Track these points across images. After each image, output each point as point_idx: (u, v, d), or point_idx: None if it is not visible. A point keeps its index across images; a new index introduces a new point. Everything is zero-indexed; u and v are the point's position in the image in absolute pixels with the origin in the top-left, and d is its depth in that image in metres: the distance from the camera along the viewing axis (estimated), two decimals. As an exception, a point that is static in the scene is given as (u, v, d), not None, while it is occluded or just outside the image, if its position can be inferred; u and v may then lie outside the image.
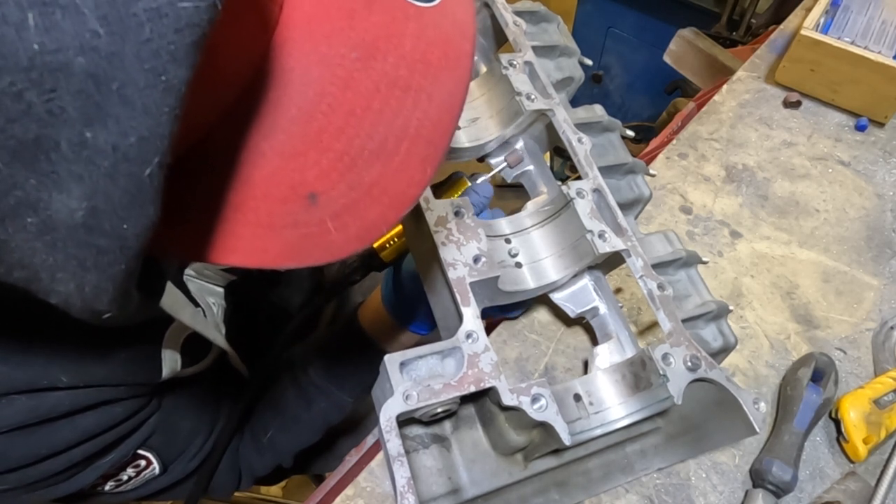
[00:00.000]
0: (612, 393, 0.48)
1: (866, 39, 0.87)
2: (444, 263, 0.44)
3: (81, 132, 0.18)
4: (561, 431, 0.41)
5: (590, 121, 0.58)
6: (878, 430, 0.61)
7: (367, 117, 0.26)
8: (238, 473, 0.74)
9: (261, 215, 0.26)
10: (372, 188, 0.27)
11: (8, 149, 0.18)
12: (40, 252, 0.21)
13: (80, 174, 0.19)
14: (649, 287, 0.50)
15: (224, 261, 0.27)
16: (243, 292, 0.71)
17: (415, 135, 0.27)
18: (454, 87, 0.28)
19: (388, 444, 0.38)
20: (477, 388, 0.40)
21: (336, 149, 0.26)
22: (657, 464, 0.58)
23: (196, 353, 0.61)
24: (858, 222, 0.81)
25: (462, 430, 0.48)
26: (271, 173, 0.26)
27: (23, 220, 0.20)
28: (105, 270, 0.22)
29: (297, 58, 0.25)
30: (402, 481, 0.38)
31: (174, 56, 0.18)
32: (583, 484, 0.55)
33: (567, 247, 0.53)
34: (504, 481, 0.48)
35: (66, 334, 0.45)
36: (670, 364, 0.46)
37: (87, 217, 0.20)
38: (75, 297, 0.23)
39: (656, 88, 1.92)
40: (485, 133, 0.57)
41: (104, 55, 0.18)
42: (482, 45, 0.65)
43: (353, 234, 0.27)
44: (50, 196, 0.19)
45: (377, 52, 0.26)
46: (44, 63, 0.17)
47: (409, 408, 0.38)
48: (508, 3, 0.62)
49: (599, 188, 0.52)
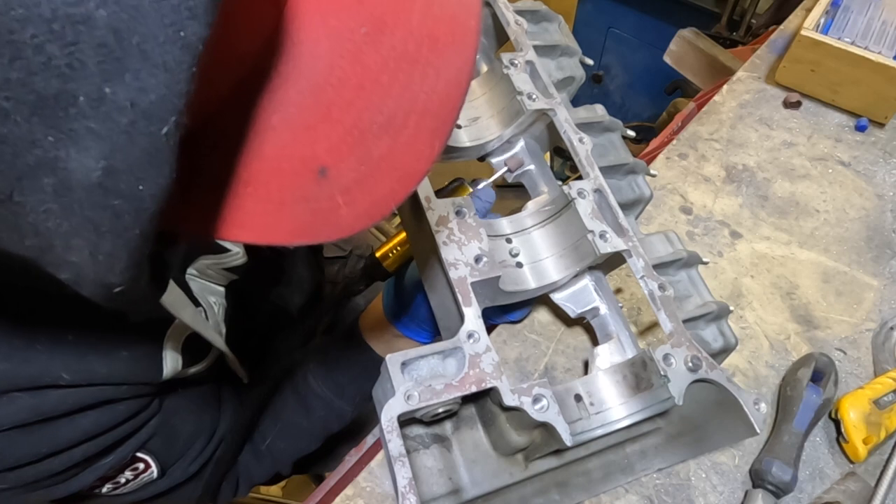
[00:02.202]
0: (612, 393, 0.48)
1: (866, 40, 0.87)
2: (446, 263, 0.44)
3: (101, 87, 0.18)
4: (562, 432, 0.41)
5: (591, 121, 0.58)
6: (878, 430, 0.61)
7: (375, 91, 0.26)
8: (236, 481, 0.73)
9: (271, 190, 0.26)
10: (381, 162, 0.27)
11: (28, 104, 0.18)
12: (55, 216, 0.21)
13: (99, 131, 0.19)
14: (650, 288, 0.50)
15: (235, 237, 0.26)
16: (245, 291, 0.71)
17: (423, 109, 0.27)
18: (461, 62, 0.28)
19: (389, 444, 0.38)
20: (478, 389, 0.40)
21: (345, 122, 0.26)
22: (657, 464, 0.58)
23: (196, 353, 0.61)
24: (858, 223, 0.81)
25: (463, 431, 0.48)
26: (281, 147, 0.26)
27: (40, 181, 0.20)
28: (120, 235, 0.22)
29: (308, 31, 0.25)
30: (403, 482, 0.37)
31: (193, 12, 0.18)
32: (583, 484, 0.55)
33: (568, 247, 0.53)
34: (505, 482, 0.48)
35: (68, 331, 0.45)
36: (671, 365, 0.46)
37: (104, 177, 0.20)
38: (88, 267, 0.22)
39: (656, 88, 1.92)
40: (486, 132, 0.57)
41: (125, 7, 0.18)
42: (483, 45, 0.64)
43: (362, 209, 0.27)
44: (67, 154, 0.19)
45: (385, 26, 0.26)
46: (66, 15, 0.17)
47: (410, 408, 0.38)
48: (509, 3, 0.61)
49: (601, 188, 0.52)
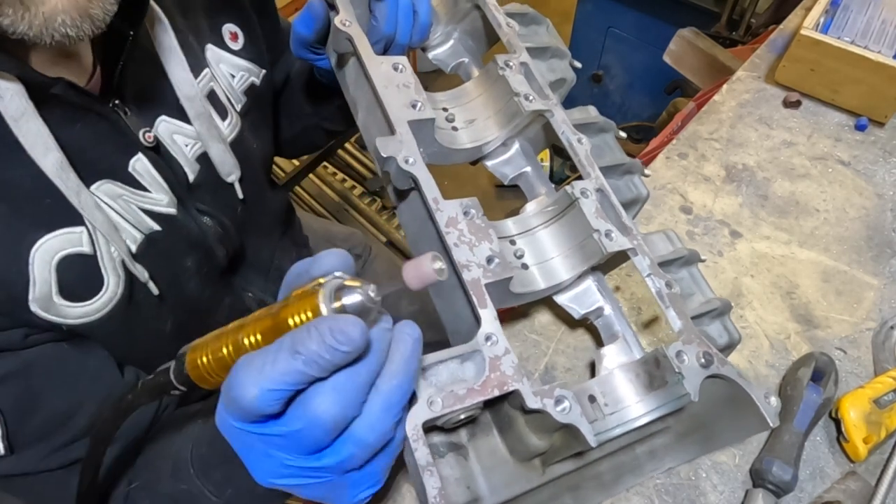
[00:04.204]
0: (627, 393, 0.47)
1: (866, 39, 0.87)
2: (458, 265, 0.43)
3: None
4: (586, 433, 0.41)
5: (585, 122, 0.58)
6: (879, 429, 0.61)
7: None
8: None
9: None
10: None
11: None
12: None
13: None
14: (658, 286, 0.50)
15: None
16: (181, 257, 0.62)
17: None
18: None
19: (416, 454, 0.36)
20: (501, 392, 0.39)
21: None
22: (667, 463, 0.58)
23: (83, 288, 0.53)
24: (858, 222, 0.81)
25: (479, 438, 0.47)
26: None
27: None
28: None
29: None
30: (433, 491, 0.36)
31: None
32: (595, 487, 0.55)
33: (574, 246, 0.52)
34: (523, 488, 0.47)
35: None
36: (684, 362, 0.46)
37: None
38: None
39: (656, 88, 1.92)
40: (483, 134, 0.57)
41: None
42: (472, 47, 0.64)
43: None
44: None
45: None
46: None
47: (434, 414, 0.37)
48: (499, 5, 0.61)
49: (602, 188, 0.52)
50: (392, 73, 0.50)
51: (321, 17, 0.57)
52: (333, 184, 2.02)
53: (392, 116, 0.48)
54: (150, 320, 0.62)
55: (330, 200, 1.98)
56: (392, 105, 0.48)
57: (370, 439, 0.33)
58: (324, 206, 1.97)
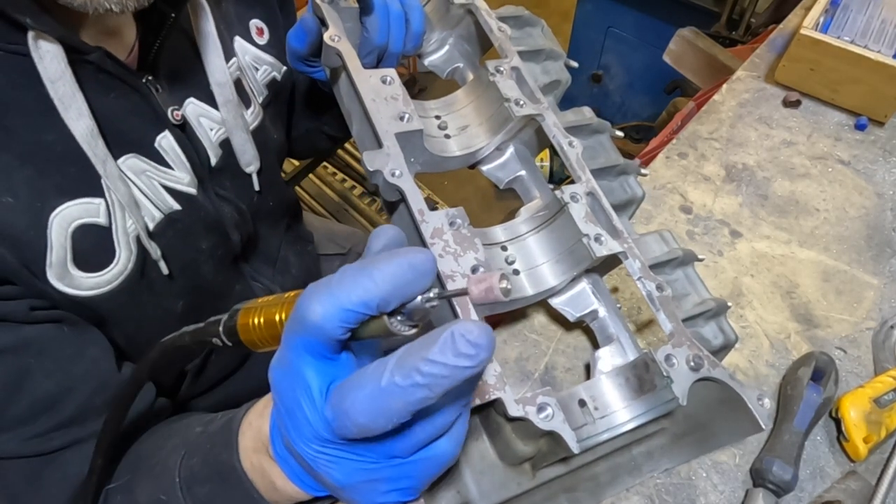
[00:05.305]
0: (616, 397, 0.47)
1: (866, 38, 0.87)
2: (443, 276, 0.43)
3: None
4: (569, 440, 0.41)
5: (579, 123, 0.58)
6: (879, 429, 0.61)
7: None
8: None
9: None
10: None
11: None
12: None
13: None
14: (648, 289, 0.50)
15: None
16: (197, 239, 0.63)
17: None
18: None
19: None
20: (482, 402, 0.40)
21: None
22: (664, 464, 0.58)
23: (96, 259, 0.54)
24: (858, 221, 0.81)
25: (468, 442, 0.47)
26: None
27: None
28: None
29: None
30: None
31: None
32: (591, 489, 0.55)
33: (564, 252, 0.53)
34: (513, 492, 0.47)
35: None
36: (673, 365, 0.46)
37: None
38: None
39: (656, 88, 1.92)
40: (475, 140, 0.57)
41: None
42: (467, 52, 0.65)
43: None
44: None
45: None
46: None
47: None
48: (492, 9, 0.62)
49: (593, 191, 0.52)
50: (380, 86, 0.51)
51: (314, 32, 0.58)
52: (333, 184, 2.03)
53: (379, 130, 0.48)
54: (161, 299, 0.62)
55: (330, 200, 1.99)
56: (380, 118, 0.49)
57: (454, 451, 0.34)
58: (324, 206, 1.98)
